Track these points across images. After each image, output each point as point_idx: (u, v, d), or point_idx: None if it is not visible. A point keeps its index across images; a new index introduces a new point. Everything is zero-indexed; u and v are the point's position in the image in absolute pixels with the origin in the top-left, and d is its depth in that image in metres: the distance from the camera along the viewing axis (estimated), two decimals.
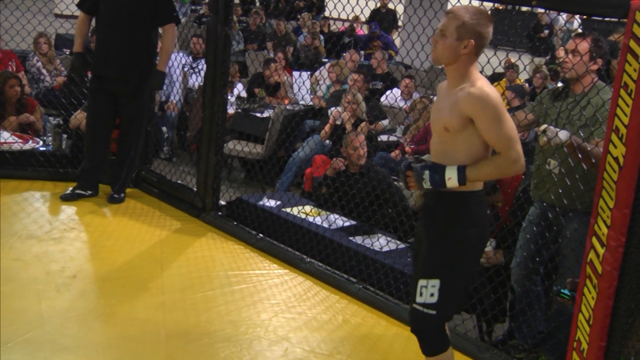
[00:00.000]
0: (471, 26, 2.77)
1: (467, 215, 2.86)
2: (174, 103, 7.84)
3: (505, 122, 2.75)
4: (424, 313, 2.89)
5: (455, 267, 2.88)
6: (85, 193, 5.59)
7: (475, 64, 2.84)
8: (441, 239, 2.88)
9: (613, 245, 2.89)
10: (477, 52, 2.82)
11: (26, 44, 7.03)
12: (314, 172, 6.00)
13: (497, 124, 2.74)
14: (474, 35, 2.78)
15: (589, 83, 3.81)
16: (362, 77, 7.37)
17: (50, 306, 3.90)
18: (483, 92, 2.74)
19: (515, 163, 2.76)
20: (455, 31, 2.78)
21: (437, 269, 2.88)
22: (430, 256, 2.91)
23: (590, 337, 3.00)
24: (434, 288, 2.86)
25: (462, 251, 2.88)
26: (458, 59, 2.81)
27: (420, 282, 2.89)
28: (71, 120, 6.26)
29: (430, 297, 2.86)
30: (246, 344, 3.75)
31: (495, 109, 2.74)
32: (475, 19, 2.78)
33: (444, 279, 2.86)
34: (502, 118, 2.74)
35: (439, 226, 2.90)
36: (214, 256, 4.86)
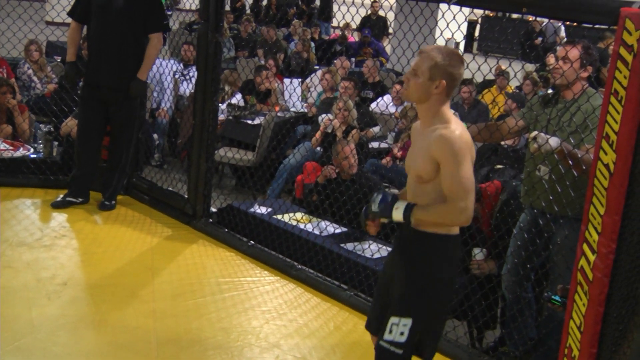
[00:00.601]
0: (443, 67, 2.77)
1: (444, 257, 2.85)
2: (164, 110, 7.83)
3: (462, 170, 2.72)
4: (390, 351, 2.86)
5: (430, 307, 2.87)
6: (76, 200, 5.58)
7: (447, 104, 2.84)
8: (416, 277, 2.86)
9: (604, 252, 2.90)
10: (448, 93, 2.81)
11: (17, 51, 7.01)
12: (305, 179, 6.00)
13: (455, 171, 2.72)
14: (445, 76, 2.77)
15: (579, 90, 3.82)
16: (352, 84, 7.38)
17: (40, 314, 3.89)
18: (453, 136, 2.73)
19: (461, 214, 2.73)
20: (427, 71, 2.78)
21: (410, 307, 2.85)
22: (403, 294, 2.88)
23: (581, 343, 3.00)
24: (405, 327, 2.83)
25: (438, 291, 2.86)
26: (429, 98, 2.80)
27: (392, 319, 2.85)
28: (62, 127, 6.25)
29: (400, 335, 2.84)
30: (237, 351, 3.74)
31: (456, 154, 2.72)
32: (447, 60, 2.78)
33: (417, 319, 2.84)
34: (461, 167, 2.72)
35: (415, 266, 2.87)
36: (204, 263, 4.85)
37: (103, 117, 5.55)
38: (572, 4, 3.51)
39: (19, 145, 6.20)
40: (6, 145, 6.14)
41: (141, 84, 5.50)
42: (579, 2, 3.48)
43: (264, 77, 8.10)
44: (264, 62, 9.44)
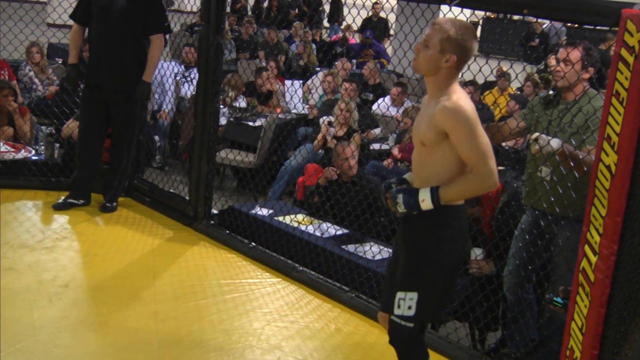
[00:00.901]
0: (455, 40, 2.75)
1: (446, 229, 2.86)
2: (166, 112, 7.84)
3: (478, 137, 2.72)
4: (401, 325, 2.90)
5: (433, 281, 2.88)
6: (77, 202, 5.58)
7: (456, 78, 2.82)
8: (420, 252, 2.88)
9: (605, 254, 2.90)
10: (458, 67, 2.80)
11: (18, 53, 7.01)
12: (306, 180, 6.00)
13: (470, 139, 2.72)
14: (457, 50, 2.76)
15: (580, 91, 3.82)
16: (354, 85, 7.38)
17: (42, 315, 3.89)
18: (457, 106, 2.72)
19: (488, 179, 2.74)
20: (438, 43, 2.76)
21: (415, 281, 2.87)
22: (408, 269, 2.90)
23: (582, 345, 3.00)
24: (411, 301, 2.86)
25: (441, 265, 2.87)
26: (438, 72, 2.79)
27: (398, 294, 2.88)
28: (63, 129, 6.25)
29: (408, 309, 2.86)
30: (238, 353, 3.74)
31: (468, 123, 2.71)
32: (460, 34, 2.76)
33: (422, 292, 2.86)
34: (475, 133, 2.72)
35: (418, 239, 2.89)
36: (206, 265, 4.85)
37: (104, 118, 5.55)
38: (573, 5, 3.51)
39: (20, 147, 6.21)
40: (7, 147, 6.15)
41: (147, 86, 5.50)
42: (580, 3, 3.49)
43: (264, 78, 8.11)
44: (265, 64, 9.45)
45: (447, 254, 2.87)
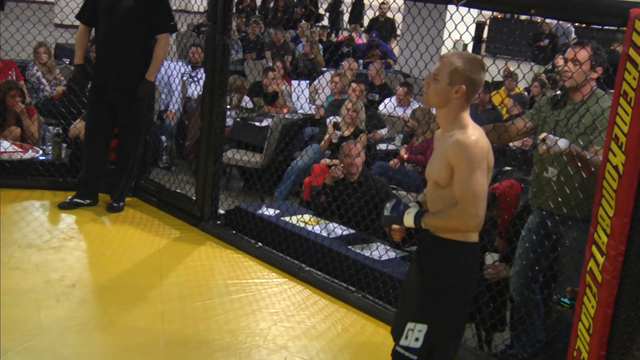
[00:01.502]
0: (463, 72, 2.78)
1: (459, 263, 2.85)
2: (172, 112, 7.84)
3: (475, 176, 2.72)
4: (405, 356, 2.89)
5: (445, 314, 2.88)
6: (83, 202, 5.59)
7: (466, 110, 2.85)
8: (433, 284, 2.87)
9: (613, 254, 2.89)
10: (467, 99, 2.82)
11: (26, 53, 7.04)
12: (313, 180, 6.00)
13: (467, 175, 2.72)
14: (465, 81, 2.79)
15: (588, 91, 3.81)
16: (362, 86, 7.38)
17: (49, 315, 3.90)
18: (468, 142, 2.74)
19: (471, 219, 2.73)
20: (447, 76, 2.80)
21: (426, 314, 2.87)
22: (420, 301, 2.90)
23: (590, 346, 2.99)
24: (420, 333, 2.85)
25: (454, 298, 2.87)
26: (449, 103, 2.82)
27: (409, 325, 2.88)
28: (70, 129, 6.27)
29: (415, 341, 2.86)
30: (245, 353, 3.74)
31: (471, 160, 2.72)
32: (468, 65, 2.80)
33: (432, 325, 2.86)
34: (474, 171, 2.72)
35: (432, 272, 2.88)
36: (212, 265, 4.86)
37: (110, 119, 5.56)
38: (581, 5, 3.50)
39: (27, 147, 6.23)
40: (15, 147, 6.16)
41: (149, 85, 5.51)
42: (588, 3, 3.47)
43: (271, 78, 8.11)
44: (271, 64, 9.45)
45: (461, 288, 2.87)
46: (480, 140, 2.77)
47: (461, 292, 2.87)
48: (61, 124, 6.63)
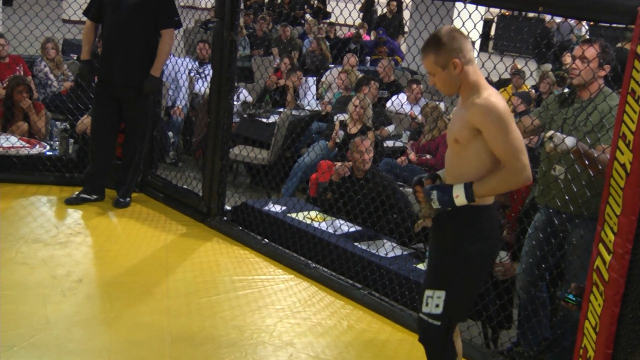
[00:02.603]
0: (445, 50, 2.80)
1: (476, 229, 2.88)
2: (180, 108, 7.85)
3: (511, 132, 2.75)
4: (429, 323, 2.93)
5: (461, 280, 2.90)
6: (90, 197, 5.61)
7: (476, 72, 2.85)
8: (449, 251, 2.90)
9: (619, 252, 2.88)
10: (467, 61, 2.82)
11: (34, 49, 7.05)
12: (320, 177, 6.00)
13: (503, 134, 2.75)
14: (452, 54, 2.80)
15: (596, 89, 3.80)
16: (377, 84, 7.39)
17: (55, 310, 3.91)
18: (489, 103, 2.76)
19: (521, 173, 2.76)
20: (436, 64, 2.82)
21: (443, 280, 2.90)
22: (436, 267, 2.95)
23: (596, 344, 2.98)
24: (439, 299, 2.89)
25: (469, 264, 2.89)
26: (460, 82, 2.84)
27: (427, 292, 2.92)
28: (78, 125, 6.28)
29: (435, 307, 2.89)
30: (251, 349, 3.75)
31: (500, 119, 2.75)
32: (444, 41, 2.80)
33: (450, 291, 2.89)
34: (507, 128, 2.75)
35: (447, 238, 2.93)
36: (219, 261, 4.86)
37: (116, 114, 5.57)
38: (589, 3, 3.48)
39: (35, 143, 6.24)
40: (23, 142, 6.18)
41: (154, 80, 5.52)
42: (596, 1, 3.45)
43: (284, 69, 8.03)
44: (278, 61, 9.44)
45: (477, 254, 2.88)
46: (500, 99, 2.80)
47: (477, 256, 2.89)
48: (68, 119, 6.64)
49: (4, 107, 6.44)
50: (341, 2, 6.03)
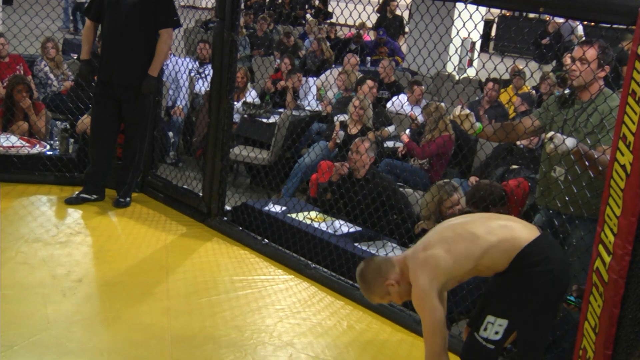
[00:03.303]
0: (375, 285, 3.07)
1: (529, 268, 2.87)
2: (180, 108, 7.86)
3: (425, 316, 2.92)
4: (482, 345, 2.94)
5: (526, 316, 2.92)
6: (90, 197, 5.61)
7: (403, 266, 3.03)
8: (518, 285, 2.90)
9: (619, 254, 2.88)
10: (393, 273, 3.04)
11: (34, 48, 7.05)
12: (320, 178, 6.00)
13: (422, 316, 2.96)
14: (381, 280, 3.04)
15: (596, 90, 3.80)
16: (376, 84, 7.38)
17: (56, 310, 3.91)
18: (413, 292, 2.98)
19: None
20: (381, 298, 3.09)
21: (508, 311, 2.91)
22: (504, 297, 2.95)
23: (596, 345, 2.98)
24: (500, 327, 2.91)
25: (535, 303, 2.91)
26: (407, 285, 3.00)
27: (489, 317, 2.93)
28: (78, 124, 6.28)
29: (495, 334, 2.91)
30: (251, 349, 3.75)
31: (421, 304, 2.92)
32: (369, 279, 3.08)
33: (512, 322, 2.90)
34: (424, 311, 2.91)
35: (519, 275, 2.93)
36: (219, 261, 4.86)
37: (116, 114, 5.57)
38: (590, 4, 3.48)
39: (35, 142, 6.24)
40: (23, 142, 6.18)
41: (152, 81, 5.50)
42: (597, 2, 3.46)
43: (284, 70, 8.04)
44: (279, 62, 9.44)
45: (537, 290, 2.88)
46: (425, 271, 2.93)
47: (543, 293, 2.90)
48: (69, 119, 6.65)
49: (4, 106, 6.44)
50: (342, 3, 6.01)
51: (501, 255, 2.85)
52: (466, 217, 3.24)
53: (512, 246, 2.85)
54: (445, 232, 2.94)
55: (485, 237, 2.87)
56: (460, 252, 2.86)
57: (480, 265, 2.89)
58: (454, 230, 2.94)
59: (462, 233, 2.90)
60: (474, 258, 2.86)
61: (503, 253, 2.85)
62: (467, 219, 3.12)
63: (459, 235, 2.89)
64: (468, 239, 2.87)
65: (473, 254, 2.86)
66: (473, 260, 2.86)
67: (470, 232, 2.89)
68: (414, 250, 2.98)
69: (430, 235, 3.00)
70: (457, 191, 4.61)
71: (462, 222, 3.05)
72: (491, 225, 2.93)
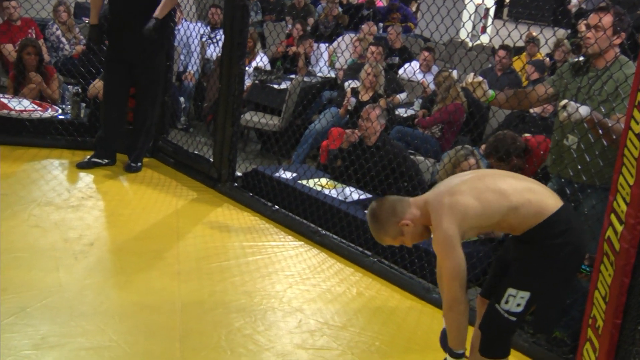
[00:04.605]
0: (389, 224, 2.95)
1: (552, 239, 2.84)
2: (191, 73, 7.83)
3: (447, 259, 2.83)
4: (505, 317, 2.92)
5: (547, 286, 2.90)
6: (101, 161, 5.62)
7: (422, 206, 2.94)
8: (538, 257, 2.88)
9: (631, 223, 2.86)
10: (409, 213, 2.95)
11: (46, 12, 7.02)
12: (330, 144, 5.99)
13: (442, 260, 2.86)
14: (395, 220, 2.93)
15: (611, 58, 3.75)
16: (380, 49, 7.31)
17: (67, 273, 3.94)
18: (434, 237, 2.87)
19: (457, 311, 2.84)
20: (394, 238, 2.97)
21: (529, 283, 2.89)
22: (525, 270, 2.93)
23: (605, 314, 2.98)
24: (522, 299, 2.89)
25: (556, 269, 2.87)
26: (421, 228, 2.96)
27: (510, 290, 2.90)
28: (89, 89, 6.28)
29: (517, 306, 2.90)
30: (260, 314, 3.77)
31: (444, 244, 2.82)
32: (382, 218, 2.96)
33: (534, 294, 2.88)
34: (447, 254, 2.82)
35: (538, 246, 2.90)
36: (229, 227, 4.88)
37: (127, 78, 5.56)
38: None
39: (47, 106, 6.25)
40: (35, 105, 6.19)
41: (155, 23, 5.33)
42: None
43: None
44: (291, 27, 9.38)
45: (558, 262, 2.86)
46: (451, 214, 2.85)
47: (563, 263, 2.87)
48: (80, 83, 6.64)
49: (16, 70, 6.44)
50: None
51: (527, 217, 2.81)
52: (489, 171, 3.24)
53: (538, 212, 2.82)
54: (474, 182, 2.88)
55: (514, 195, 2.83)
56: (491, 203, 2.82)
57: (503, 222, 2.84)
58: (484, 181, 2.89)
59: (490, 186, 2.85)
60: (501, 213, 2.82)
61: (530, 216, 2.81)
62: (491, 173, 3.11)
63: (488, 188, 2.85)
64: (497, 193, 2.83)
65: (501, 208, 2.82)
66: (500, 215, 2.82)
67: (498, 186, 2.85)
68: (437, 194, 2.90)
69: (456, 183, 2.93)
70: (473, 155, 4.58)
71: (490, 174, 3.03)
72: (517, 185, 2.88)
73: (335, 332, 3.68)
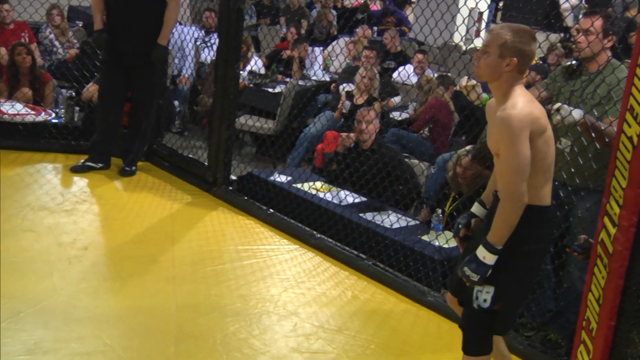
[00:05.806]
0: (513, 44, 2.74)
1: (531, 230, 2.82)
2: (186, 77, 7.83)
3: (516, 153, 2.68)
4: (475, 311, 2.91)
5: (513, 278, 2.87)
6: (95, 165, 5.61)
7: (519, 83, 2.79)
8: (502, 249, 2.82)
9: (625, 225, 2.87)
10: (520, 70, 2.78)
11: (39, 15, 7.02)
12: (325, 148, 5.99)
13: (508, 151, 2.69)
14: (516, 54, 2.74)
15: (604, 61, 3.77)
16: (374, 53, 7.32)
17: (61, 277, 3.93)
18: (507, 116, 2.69)
19: (515, 202, 2.71)
20: (497, 49, 2.75)
21: (493, 276, 2.85)
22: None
23: (599, 316, 2.99)
24: (487, 294, 2.87)
25: (522, 264, 2.86)
26: (500, 77, 2.78)
27: (476, 287, 2.89)
28: (83, 92, 6.28)
29: (484, 302, 2.88)
30: (255, 318, 3.77)
31: (511, 134, 2.67)
32: (518, 37, 2.75)
33: (499, 288, 2.86)
34: (514, 147, 2.68)
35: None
36: (224, 230, 4.88)
37: (124, 82, 5.56)
38: None
39: (40, 110, 6.24)
40: (28, 109, 6.18)
41: (162, 49, 5.50)
42: None
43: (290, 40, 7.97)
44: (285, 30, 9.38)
45: (529, 254, 2.85)
46: (524, 109, 2.71)
47: (531, 257, 2.86)
48: (74, 87, 6.63)
49: (9, 73, 6.42)
50: None
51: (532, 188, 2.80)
52: None
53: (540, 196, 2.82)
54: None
55: (552, 170, 2.87)
56: (550, 149, 2.85)
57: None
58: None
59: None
60: (542, 167, 2.81)
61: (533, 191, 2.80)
62: None
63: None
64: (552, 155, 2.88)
65: (545, 163, 2.83)
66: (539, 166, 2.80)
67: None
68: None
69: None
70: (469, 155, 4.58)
71: None
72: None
73: (330, 336, 3.68)
